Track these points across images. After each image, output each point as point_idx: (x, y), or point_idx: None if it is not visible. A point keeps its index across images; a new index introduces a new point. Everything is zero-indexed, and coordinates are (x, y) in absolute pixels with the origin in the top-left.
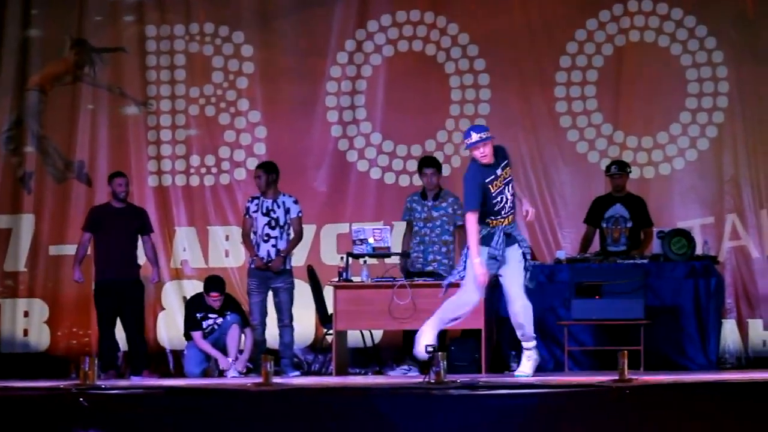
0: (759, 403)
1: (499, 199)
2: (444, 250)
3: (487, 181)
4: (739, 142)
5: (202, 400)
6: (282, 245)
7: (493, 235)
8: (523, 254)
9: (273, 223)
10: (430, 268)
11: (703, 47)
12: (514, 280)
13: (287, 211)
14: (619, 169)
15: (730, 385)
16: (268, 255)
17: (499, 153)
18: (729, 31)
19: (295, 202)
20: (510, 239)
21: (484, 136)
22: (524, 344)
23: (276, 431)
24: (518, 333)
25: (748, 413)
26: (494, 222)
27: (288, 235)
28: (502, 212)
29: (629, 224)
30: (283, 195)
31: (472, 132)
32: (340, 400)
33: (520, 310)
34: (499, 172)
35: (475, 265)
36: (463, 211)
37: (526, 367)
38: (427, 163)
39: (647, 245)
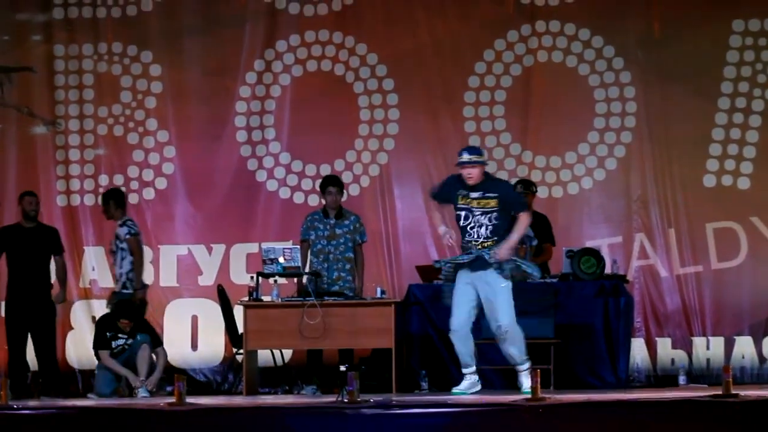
0: (667, 421)
1: (463, 214)
2: (348, 267)
3: (457, 192)
4: (646, 162)
5: (115, 420)
6: (116, 270)
7: (463, 258)
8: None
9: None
10: (336, 287)
11: (610, 67)
12: (498, 307)
13: (116, 237)
14: (524, 188)
15: (639, 404)
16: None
17: (492, 185)
18: (636, 52)
19: (121, 225)
20: (484, 264)
21: (473, 159)
22: (518, 368)
23: None
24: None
25: (655, 431)
26: (466, 244)
27: (123, 260)
28: (471, 235)
29: (534, 242)
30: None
31: (464, 153)
32: (253, 419)
33: (503, 336)
34: (473, 195)
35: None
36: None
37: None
38: (332, 182)
39: (543, 257)
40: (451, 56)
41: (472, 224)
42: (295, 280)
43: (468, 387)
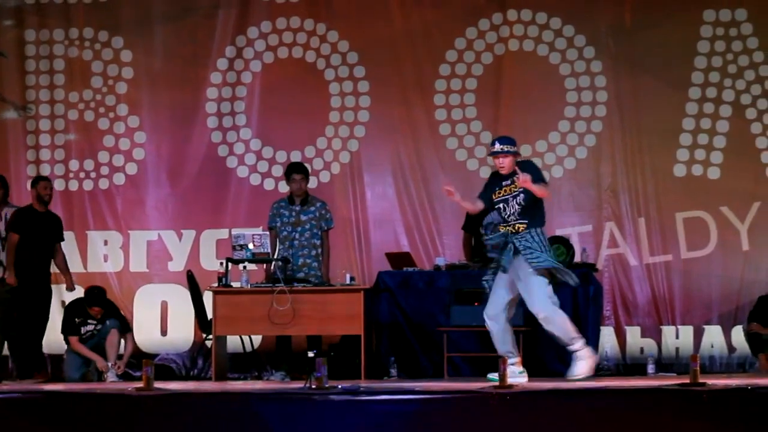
0: (635, 410)
1: (501, 207)
2: (314, 253)
3: (495, 188)
4: (617, 151)
5: (83, 405)
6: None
7: (499, 242)
8: (528, 260)
9: None
10: (301, 274)
11: (581, 57)
12: (529, 294)
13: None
14: None
15: (607, 392)
16: None
17: (521, 166)
18: (607, 41)
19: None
20: (515, 250)
21: (505, 149)
22: (569, 349)
23: None
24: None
25: (624, 420)
26: (501, 227)
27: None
28: (508, 219)
29: None
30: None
31: (496, 142)
32: (222, 405)
33: (544, 323)
34: (504, 183)
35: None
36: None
37: (576, 369)
38: (296, 169)
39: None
40: (423, 44)
41: (509, 212)
42: (264, 266)
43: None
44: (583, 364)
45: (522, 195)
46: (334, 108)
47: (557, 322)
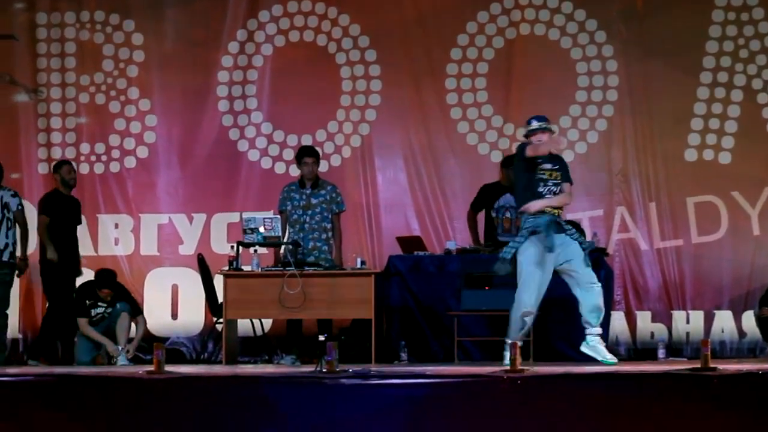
0: (645, 394)
1: (541, 185)
2: (324, 237)
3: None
4: (628, 136)
5: (94, 388)
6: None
7: (545, 223)
8: (578, 242)
9: None
10: (311, 257)
11: (593, 41)
12: (579, 269)
13: (5, 206)
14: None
15: (617, 377)
16: None
17: (556, 158)
18: (619, 26)
19: (14, 195)
20: (559, 228)
21: (543, 126)
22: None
23: (168, 419)
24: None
25: (635, 404)
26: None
27: (9, 230)
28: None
29: None
30: (1, 190)
31: (533, 120)
32: (232, 388)
33: (599, 296)
34: (546, 166)
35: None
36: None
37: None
38: (307, 152)
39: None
40: (434, 28)
41: (548, 195)
42: (274, 249)
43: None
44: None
45: (559, 188)
46: (345, 92)
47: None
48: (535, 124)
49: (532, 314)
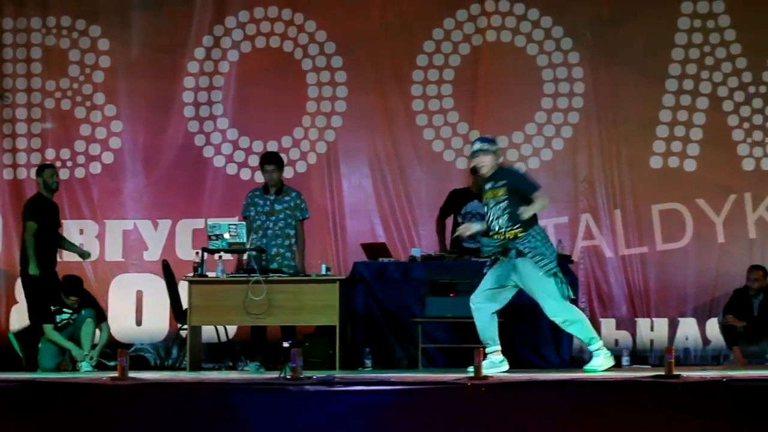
0: (609, 401)
1: (488, 215)
2: (287, 243)
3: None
4: (593, 143)
5: (58, 394)
6: None
7: (498, 250)
8: (538, 264)
9: None
10: (275, 264)
11: (559, 48)
12: (543, 300)
13: None
14: None
15: (582, 384)
16: None
17: (501, 174)
18: (585, 33)
19: None
20: (513, 252)
21: (484, 148)
22: (588, 349)
23: (131, 426)
24: None
25: (599, 411)
26: (495, 235)
27: None
28: (493, 228)
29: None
30: None
31: (476, 142)
32: (196, 395)
33: (564, 327)
34: (486, 186)
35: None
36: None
37: (595, 361)
38: (268, 160)
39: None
40: (400, 34)
41: (491, 217)
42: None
43: (487, 366)
44: (601, 359)
45: (506, 203)
46: (311, 98)
47: (574, 321)
48: (477, 146)
49: (474, 307)
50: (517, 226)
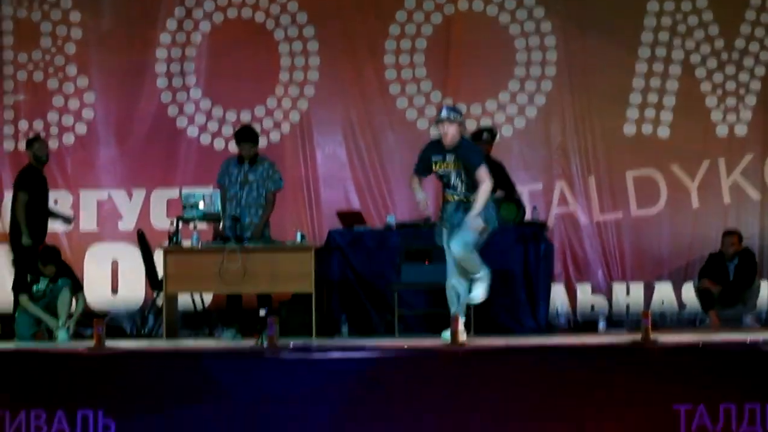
0: (586, 367)
1: (444, 181)
2: (260, 213)
3: (433, 158)
4: (567, 111)
5: (34, 364)
6: None
7: (446, 207)
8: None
9: None
10: (248, 233)
11: (531, 17)
12: (456, 235)
13: None
14: (491, 136)
15: (558, 349)
16: None
17: (460, 145)
18: (557, 1)
19: None
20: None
21: (450, 117)
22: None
23: (109, 395)
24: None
25: (576, 376)
26: (447, 196)
27: None
28: (451, 189)
29: (500, 194)
30: None
31: (443, 110)
32: (173, 364)
33: (457, 256)
34: (449, 158)
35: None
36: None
37: (475, 292)
38: (242, 137)
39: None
40: (372, 4)
41: (454, 185)
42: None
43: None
44: (481, 287)
45: (465, 172)
46: (283, 68)
47: (467, 262)
48: (443, 114)
49: (451, 286)
50: (474, 193)
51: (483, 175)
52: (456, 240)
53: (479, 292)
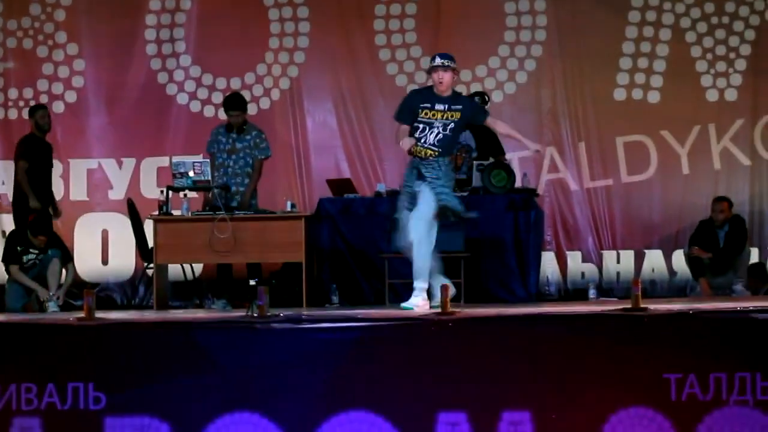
0: (577, 335)
1: (422, 128)
2: (246, 181)
3: (421, 105)
4: (557, 76)
5: (24, 335)
6: None
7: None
8: (434, 192)
9: None
10: (234, 202)
11: None
12: (414, 216)
13: None
14: (482, 101)
15: (548, 318)
16: None
17: (460, 99)
18: None
19: None
20: (421, 176)
21: (446, 63)
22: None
23: (99, 366)
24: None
25: (566, 345)
26: (418, 150)
27: None
28: (422, 143)
29: (474, 154)
30: None
31: (437, 57)
32: (163, 334)
33: (411, 246)
34: (438, 107)
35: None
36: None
37: (413, 300)
38: (231, 105)
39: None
40: None
41: (428, 136)
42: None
43: (414, 303)
44: (418, 300)
45: (454, 125)
46: (273, 34)
47: (421, 251)
48: (437, 61)
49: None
50: (438, 148)
51: (492, 120)
52: (413, 219)
53: (418, 302)
